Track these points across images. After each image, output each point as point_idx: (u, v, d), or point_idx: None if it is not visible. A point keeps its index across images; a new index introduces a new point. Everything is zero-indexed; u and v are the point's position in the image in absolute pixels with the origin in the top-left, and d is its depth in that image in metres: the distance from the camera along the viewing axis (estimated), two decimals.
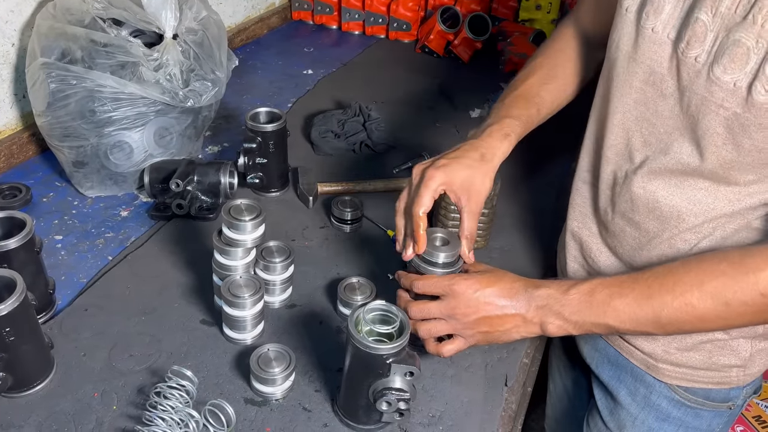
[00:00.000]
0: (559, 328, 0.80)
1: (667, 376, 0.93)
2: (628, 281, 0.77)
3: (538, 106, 0.98)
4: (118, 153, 1.23)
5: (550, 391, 1.31)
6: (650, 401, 0.96)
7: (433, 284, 0.84)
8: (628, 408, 0.99)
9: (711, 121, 0.74)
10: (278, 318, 1.03)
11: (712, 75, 0.73)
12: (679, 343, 0.90)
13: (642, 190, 0.84)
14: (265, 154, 1.27)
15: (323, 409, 0.89)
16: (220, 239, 0.95)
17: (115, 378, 0.90)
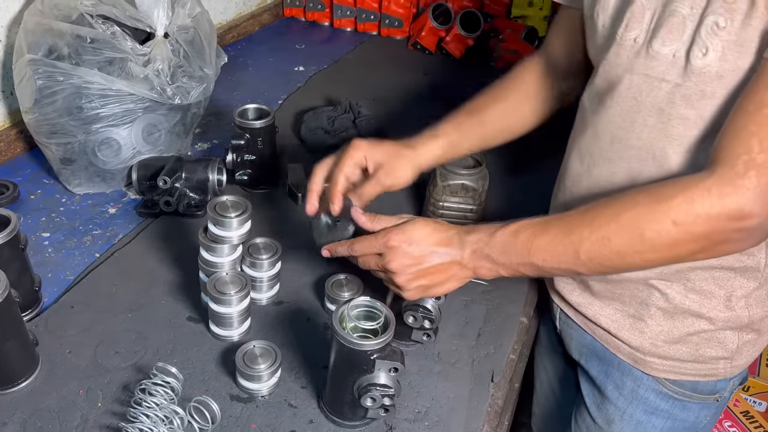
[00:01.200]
0: (489, 270, 0.80)
1: (655, 369, 0.93)
2: (552, 220, 0.77)
3: (481, 119, 1.01)
4: (106, 150, 1.23)
5: (536, 389, 1.31)
6: (638, 395, 0.96)
7: (368, 245, 0.84)
8: (616, 402, 0.99)
9: (653, 98, 0.76)
10: (265, 315, 1.03)
11: (651, 50, 0.75)
12: (666, 336, 0.90)
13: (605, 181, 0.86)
14: (253, 151, 1.27)
15: (309, 406, 0.89)
16: (206, 236, 0.94)
17: (100, 375, 0.90)
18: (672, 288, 0.88)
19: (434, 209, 1.18)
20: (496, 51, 1.94)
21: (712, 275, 0.86)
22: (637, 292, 0.90)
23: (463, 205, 1.17)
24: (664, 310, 0.89)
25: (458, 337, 1.03)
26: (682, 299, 0.88)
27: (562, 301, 1.03)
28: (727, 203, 0.67)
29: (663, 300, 0.89)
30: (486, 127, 1.01)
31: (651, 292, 0.89)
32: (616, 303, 0.93)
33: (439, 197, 1.17)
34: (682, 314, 0.89)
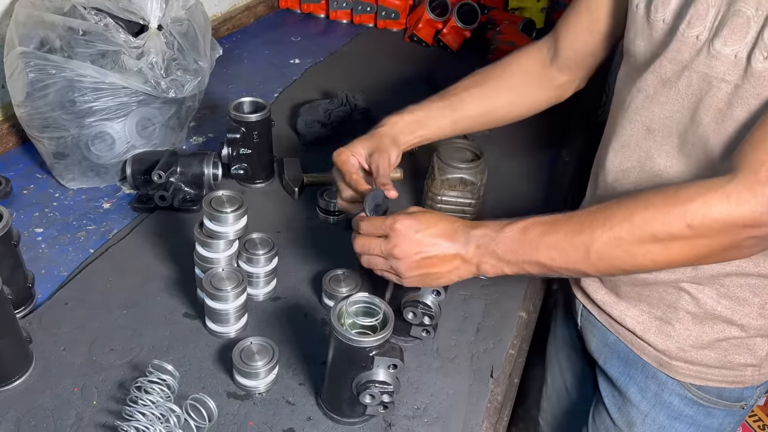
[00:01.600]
0: (493, 267, 0.79)
1: (681, 374, 0.92)
2: (562, 218, 0.76)
3: (450, 102, 1.02)
4: (99, 144, 1.22)
5: (548, 383, 1.30)
6: (662, 399, 0.95)
7: (375, 225, 0.83)
8: (638, 405, 0.98)
9: (712, 98, 0.74)
10: (262, 311, 1.03)
11: (713, 49, 0.73)
12: (694, 341, 0.89)
13: None
14: (249, 145, 1.26)
15: (307, 403, 0.89)
16: (202, 231, 0.94)
17: (95, 373, 0.89)
18: (704, 292, 0.86)
19: (432, 203, 1.17)
20: (494, 43, 1.93)
21: (748, 282, 0.84)
22: (665, 295, 0.89)
23: (462, 199, 1.16)
24: (693, 315, 0.88)
25: (457, 333, 1.02)
26: (714, 304, 0.86)
27: (585, 298, 1.01)
28: (745, 210, 0.66)
29: (693, 304, 0.87)
30: (455, 112, 1.01)
31: (681, 296, 0.88)
32: (642, 304, 0.92)
33: (437, 191, 1.16)
34: (712, 320, 0.87)
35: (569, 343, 1.19)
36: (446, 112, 1.01)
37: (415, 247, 0.80)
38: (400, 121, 1.00)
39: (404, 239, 0.80)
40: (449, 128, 1.03)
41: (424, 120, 1.01)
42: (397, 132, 0.99)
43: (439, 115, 1.01)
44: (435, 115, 1.01)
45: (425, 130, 1.01)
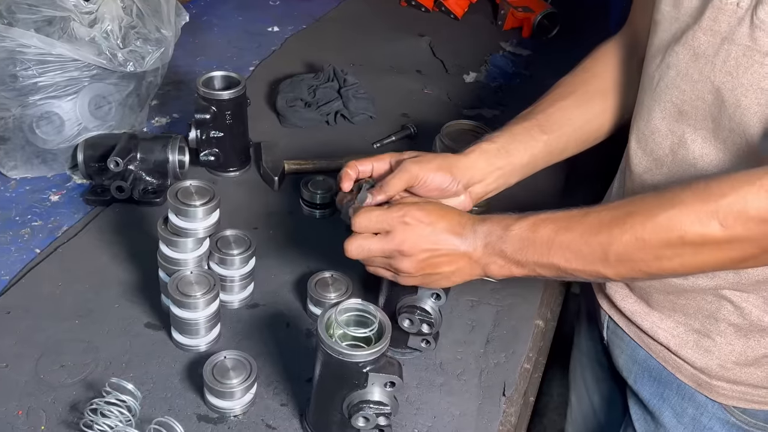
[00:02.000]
0: (501, 268, 0.79)
1: (722, 396, 0.91)
2: (577, 215, 0.76)
3: (539, 122, 0.96)
4: (46, 126, 1.21)
5: (572, 405, 1.30)
6: (700, 424, 0.94)
7: (377, 218, 0.81)
8: (674, 431, 0.98)
9: (754, 75, 0.73)
10: (237, 320, 1.02)
11: (756, 19, 0.72)
12: (738, 357, 0.88)
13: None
14: (221, 127, 1.25)
15: (290, 426, 0.88)
16: (167, 228, 0.93)
17: (43, 393, 0.89)
18: (748, 301, 0.85)
19: None
20: (504, 8, 1.92)
21: None
22: (704, 304, 0.88)
23: None
24: (737, 327, 0.87)
25: (464, 344, 1.02)
26: (761, 315, 0.85)
27: (612, 308, 1.01)
28: None
29: (736, 315, 0.86)
30: (547, 132, 0.95)
31: (722, 305, 0.86)
32: (678, 315, 0.91)
33: None
34: (759, 332, 0.86)
35: (595, 358, 1.18)
36: (535, 133, 0.95)
37: (426, 243, 0.80)
38: (475, 153, 0.91)
39: (414, 234, 0.80)
40: (542, 154, 0.96)
41: (508, 146, 0.93)
42: (465, 167, 0.90)
43: (527, 138, 0.94)
44: (522, 138, 0.94)
45: (510, 157, 0.93)
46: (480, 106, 1.61)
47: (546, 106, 0.98)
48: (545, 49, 1.86)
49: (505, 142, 0.94)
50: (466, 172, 0.91)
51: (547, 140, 0.95)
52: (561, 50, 1.82)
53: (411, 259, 0.80)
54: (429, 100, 1.62)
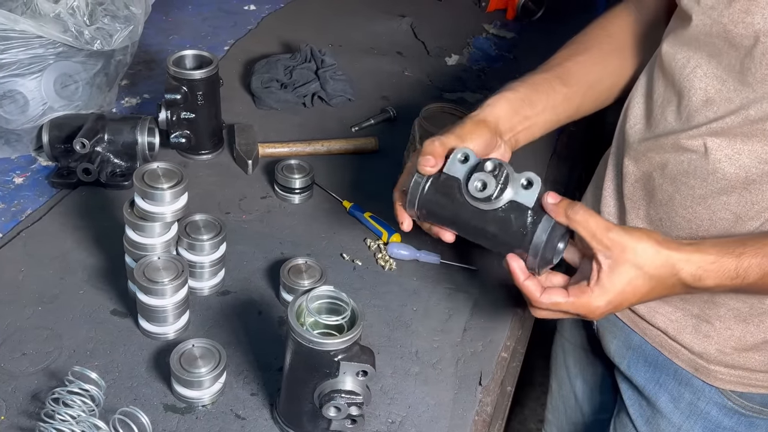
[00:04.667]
0: None
1: (720, 380, 0.92)
2: None
3: (559, 74, 0.95)
4: (9, 105, 1.19)
5: (553, 391, 1.31)
6: (697, 409, 0.96)
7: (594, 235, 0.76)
8: (670, 417, 0.98)
9: None
10: (207, 307, 1.02)
11: None
12: (737, 342, 0.89)
13: (701, 149, 0.83)
14: (192, 108, 1.24)
15: (260, 417, 0.88)
16: (133, 212, 0.92)
17: (3, 382, 0.88)
18: None
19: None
20: None
21: None
22: None
23: None
24: (736, 311, 0.88)
25: (440, 333, 1.02)
26: (761, 299, 0.86)
27: None
28: None
29: (736, 299, 0.87)
30: (566, 85, 0.95)
31: None
32: (676, 300, 0.91)
33: None
34: (759, 317, 0.87)
35: (580, 344, 1.19)
36: (555, 85, 0.94)
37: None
38: (500, 103, 0.90)
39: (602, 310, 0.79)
40: (562, 106, 0.95)
41: (531, 96, 0.92)
42: (498, 117, 0.89)
43: (547, 90, 0.93)
44: (543, 89, 0.93)
45: (533, 109, 0.92)
46: (462, 89, 1.60)
47: (562, 60, 0.97)
48: (529, 32, 1.85)
49: (527, 92, 0.92)
50: (495, 121, 0.89)
51: (567, 93, 0.95)
52: (545, 33, 1.82)
53: None
54: (409, 83, 1.61)
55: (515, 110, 0.91)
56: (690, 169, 0.84)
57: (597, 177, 1.06)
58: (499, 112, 0.90)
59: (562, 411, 1.30)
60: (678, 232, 0.88)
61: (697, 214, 0.85)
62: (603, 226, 0.76)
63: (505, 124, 0.90)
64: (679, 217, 0.87)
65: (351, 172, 1.31)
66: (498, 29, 1.84)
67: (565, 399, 1.28)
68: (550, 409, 1.34)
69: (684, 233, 0.87)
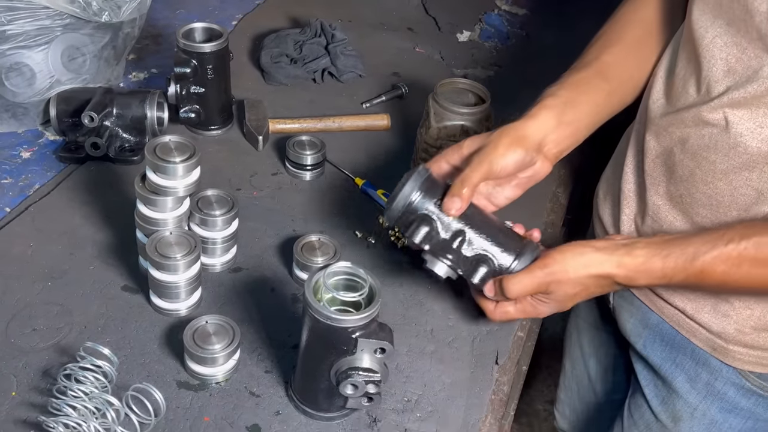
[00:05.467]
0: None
1: (738, 360, 0.91)
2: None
3: (598, 69, 0.94)
4: (15, 78, 1.18)
5: (566, 370, 1.31)
6: (714, 389, 0.95)
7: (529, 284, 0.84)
8: (686, 397, 0.98)
9: None
10: (219, 284, 1.01)
11: None
12: (756, 322, 0.88)
13: (722, 122, 0.81)
14: (202, 82, 1.22)
15: (275, 394, 0.87)
16: (144, 186, 0.91)
17: (14, 357, 0.87)
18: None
19: (426, 157, 1.15)
20: None
21: None
22: None
23: None
24: None
25: (455, 311, 1.01)
26: None
27: None
28: None
29: None
30: (607, 80, 0.94)
31: None
32: None
33: (432, 141, 1.13)
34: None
35: (594, 323, 1.18)
36: (596, 82, 0.93)
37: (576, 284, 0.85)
38: (542, 114, 0.89)
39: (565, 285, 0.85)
40: (604, 103, 0.94)
41: (574, 99, 0.91)
42: (532, 132, 0.88)
43: (589, 89, 0.92)
44: (585, 89, 0.92)
45: (576, 113, 0.91)
46: (474, 66, 1.58)
47: (598, 53, 0.95)
48: (541, 9, 1.83)
49: (569, 95, 0.91)
50: (537, 135, 0.89)
51: (609, 89, 0.94)
52: (557, 10, 1.80)
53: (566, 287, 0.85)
54: (420, 59, 1.59)
55: (559, 119, 0.90)
56: (711, 143, 0.83)
57: (618, 154, 1.04)
58: (543, 125, 0.89)
59: (575, 390, 1.29)
60: (699, 209, 0.86)
61: (718, 189, 0.84)
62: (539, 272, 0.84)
63: (549, 138, 0.90)
64: (700, 193, 0.86)
65: (363, 150, 1.29)
66: (510, 5, 1.82)
67: (579, 379, 1.27)
68: (563, 387, 1.33)
69: (705, 210, 0.86)
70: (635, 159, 0.96)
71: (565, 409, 1.33)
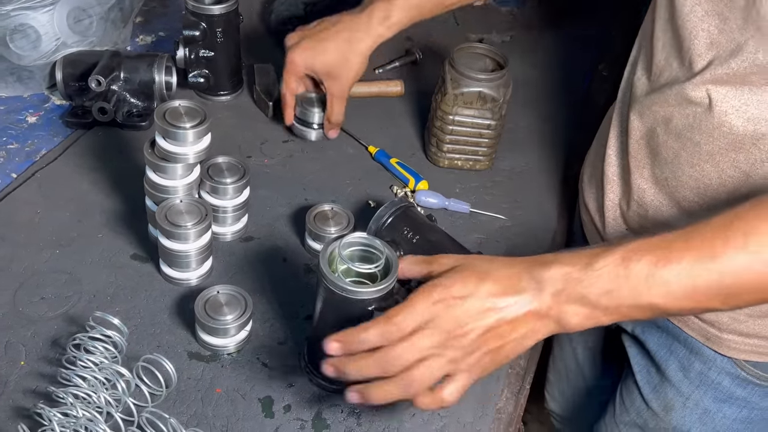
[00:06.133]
0: (585, 318, 0.67)
1: (733, 349, 0.88)
2: (678, 239, 0.65)
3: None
4: (20, 40, 1.16)
5: (554, 353, 1.29)
6: (707, 379, 0.93)
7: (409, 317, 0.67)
8: (679, 386, 0.95)
9: None
10: (230, 253, 0.99)
11: None
12: (751, 309, 0.84)
13: (705, 100, 0.77)
14: (211, 46, 1.19)
15: (287, 365, 0.86)
16: (154, 152, 0.89)
17: (22, 326, 0.86)
18: None
19: (442, 124, 1.12)
20: None
21: None
22: None
23: (479, 119, 1.11)
24: None
25: None
26: None
27: None
28: None
29: None
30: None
31: None
32: None
33: (449, 109, 1.10)
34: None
35: None
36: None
37: (471, 320, 0.66)
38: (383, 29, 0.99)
39: (451, 318, 0.66)
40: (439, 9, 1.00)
41: (417, 17, 0.96)
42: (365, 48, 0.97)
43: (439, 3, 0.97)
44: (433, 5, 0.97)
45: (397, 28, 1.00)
46: (489, 30, 1.54)
47: None
48: None
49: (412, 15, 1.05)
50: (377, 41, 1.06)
51: None
52: None
53: (460, 346, 0.66)
54: (434, 24, 1.54)
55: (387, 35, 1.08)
56: (695, 123, 0.78)
57: (600, 134, 1.00)
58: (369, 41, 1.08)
59: (564, 374, 1.29)
60: (685, 192, 0.82)
61: (704, 172, 0.79)
62: None
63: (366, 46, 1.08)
64: (686, 176, 0.81)
65: (376, 117, 1.27)
66: None
67: (567, 362, 1.26)
68: (552, 370, 1.33)
69: (692, 193, 0.82)
70: (618, 140, 0.92)
71: (554, 391, 1.33)
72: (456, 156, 1.15)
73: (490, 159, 1.17)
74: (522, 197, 1.14)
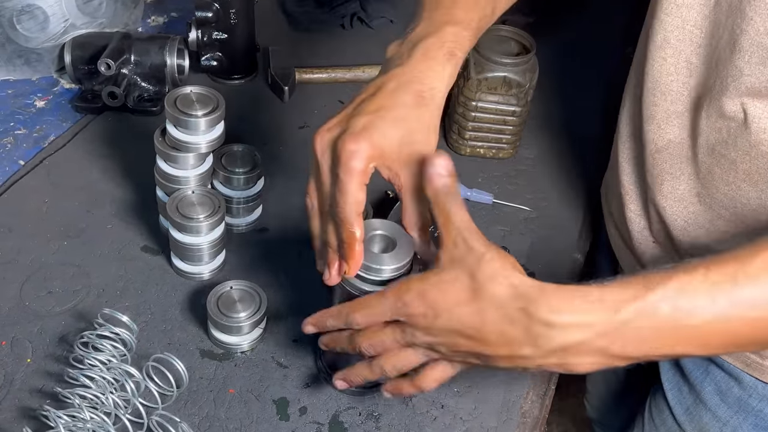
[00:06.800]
0: (594, 365, 0.60)
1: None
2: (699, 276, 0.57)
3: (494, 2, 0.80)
4: (27, 21, 1.13)
5: None
6: (748, 405, 0.88)
7: (379, 310, 0.64)
8: (715, 410, 0.90)
9: None
10: (244, 246, 0.97)
11: None
12: None
13: (739, 114, 0.71)
14: (224, 27, 1.16)
15: (303, 365, 0.84)
16: (164, 141, 0.86)
17: (29, 322, 0.84)
18: None
19: (465, 111, 1.08)
20: None
21: None
22: None
23: (504, 106, 1.07)
24: None
25: None
26: None
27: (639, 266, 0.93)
28: None
29: None
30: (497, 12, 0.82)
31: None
32: None
33: (472, 95, 1.06)
34: None
35: None
36: (490, 20, 0.80)
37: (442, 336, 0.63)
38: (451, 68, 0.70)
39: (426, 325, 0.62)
40: None
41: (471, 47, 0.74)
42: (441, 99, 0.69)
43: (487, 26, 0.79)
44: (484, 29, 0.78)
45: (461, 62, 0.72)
46: (513, 12, 1.48)
47: None
48: None
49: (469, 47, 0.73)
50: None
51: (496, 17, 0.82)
52: None
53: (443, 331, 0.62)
54: None
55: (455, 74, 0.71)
56: (730, 140, 0.72)
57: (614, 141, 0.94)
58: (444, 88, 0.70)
59: (602, 385, 1.27)
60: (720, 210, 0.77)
61: (741, 191, 0.74)
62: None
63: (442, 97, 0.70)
64: (721, 194, 0.76)
65: None
66: None
67: (605, 372, 1.21)
68: (590, 380, 1.30)
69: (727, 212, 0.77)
70: (632, 152, 0.87)
71: (596, 401, 1.30)
72: (478, 144, 1.11)
73: (514, 147, 1.13)
74: (547, 187, 1.10)
